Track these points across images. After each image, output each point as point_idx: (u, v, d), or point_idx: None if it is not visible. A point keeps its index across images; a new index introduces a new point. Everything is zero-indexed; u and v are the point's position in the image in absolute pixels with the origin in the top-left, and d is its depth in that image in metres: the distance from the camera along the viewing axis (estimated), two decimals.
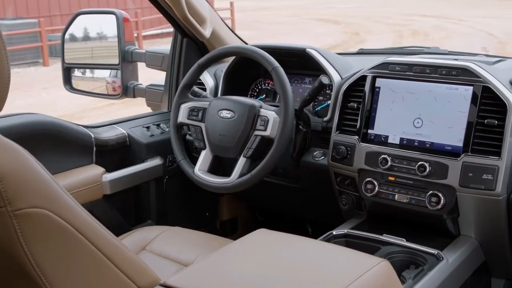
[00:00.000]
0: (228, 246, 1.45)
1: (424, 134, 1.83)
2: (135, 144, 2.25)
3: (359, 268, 1.29)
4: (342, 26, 19.18)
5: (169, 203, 2.37)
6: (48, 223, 1.03)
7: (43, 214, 1.01)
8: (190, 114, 2.08)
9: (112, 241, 1.15)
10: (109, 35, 2.58)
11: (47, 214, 1.02)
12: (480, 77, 1.74)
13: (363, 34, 17.12)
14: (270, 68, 1.93)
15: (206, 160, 2.04)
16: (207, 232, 2.54)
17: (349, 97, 1.99)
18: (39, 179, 1.04)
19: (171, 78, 2.46)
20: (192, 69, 2.09)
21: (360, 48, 2.59)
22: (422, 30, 17.36)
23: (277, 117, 1.91)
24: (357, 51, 2.55)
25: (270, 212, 2.74)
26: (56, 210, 1.03)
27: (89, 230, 1.09)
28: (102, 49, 2.66)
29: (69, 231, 1.05)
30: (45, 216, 1.02)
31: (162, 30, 16.13)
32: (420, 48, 2.43)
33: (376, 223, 1.95)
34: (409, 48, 2.48)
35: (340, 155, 1.95)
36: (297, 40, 13.73)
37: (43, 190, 1.03)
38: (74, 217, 1.07)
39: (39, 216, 1.01)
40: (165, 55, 2.50)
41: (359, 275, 1.26)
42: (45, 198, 1.03)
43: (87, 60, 2.68)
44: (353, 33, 17.23)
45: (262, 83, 2.38)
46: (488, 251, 1.85)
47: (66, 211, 1.06)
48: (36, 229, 1.01)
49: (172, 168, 2.35)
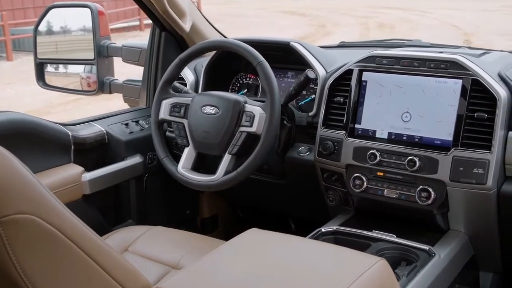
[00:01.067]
0: (221, 248, 1.40)
1: (412, 128, 1.81)
2: (114, 141, 2.18)
3: (358, 268, 1.27)
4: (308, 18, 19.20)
5: (150, 201, 2.31)
6: (35, 230, 0.98)
7: (30, 220, 0.96)
8: (172, 110, 2.02)
9: (101, 246, 1.10)
10: (84, 29, 2.50)
11: (34, 220, 0.96)
12: (469, 70, 1.72)
13: (329, 26, 17.16)
14: (255, 62, 1.88)
15: (189, 157, 1.99)
16: (188, 230, 2.49)
17: (335, 91, 1.95)
18: (25, 183, 0.98)
19: (149, 73, 2.39)
20: (173, 64, 2.03)
21: (341, 41, 2.56)
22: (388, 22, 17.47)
23: (263, 113, 1.86)
24: (338, 44, 2.51)
25: (251, 209, 2.70)
26: (43, 215, 0.98)
27: (77, 235, 1.04)
28: (77, 44, 2.58)
29: (57, 237, 1.00)
30: (32, 222, 0.96)
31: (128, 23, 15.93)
32: (402, 41, 2.41)
33: (364, 219, 1.93)
34: (391, 41, 2.46)
35: (327, 150, 1.91)
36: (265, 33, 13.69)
37: (29, 194, 0.98)
38: (62, 222, 1.02)
39: (26, 223, 0.95)
40: (142, 50, 2.44)
41: (359, 276, 1.23)
42: (32, 203, 0.97)
43: (60, 55, 2.60)
44: (319, 26, 17.26)
45: (243, 78, 2.33)
46: (477, 245, 1.84)
47: (53, 216, 1.01)
48: (23, 236, 0.96)
49: (152, 165, 2.29)
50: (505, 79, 1.75)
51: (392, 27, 16.49)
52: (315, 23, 17.85)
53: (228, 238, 2.63)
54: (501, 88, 1.70)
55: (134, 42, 2.49)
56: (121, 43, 2.50)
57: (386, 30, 15.93)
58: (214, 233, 2.65)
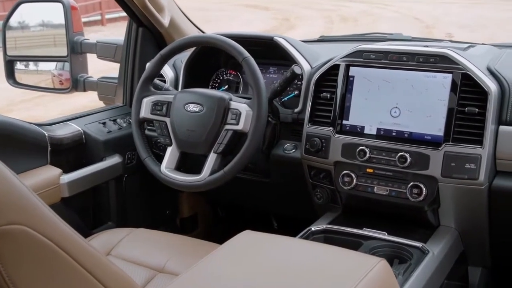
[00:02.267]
0: (217, 252, 1.35)
1: (402, 123, 1.78)
2: (92, 141, 2.10)
3: (361, 270, 1.24)
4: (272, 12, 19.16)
5: (129, 202, 2.25)
6: (26, 241, 0.91)
7: (21, 231, 0.89)
8: (153, 108, 1.95)
9: (95, 255, 1.05)
10: (56, 25, 2.41)
11: (26, 230, 0.90)
12: (459, 64, 1.70)
13: (293, 20, 17.15)
14: (241, 58, 1.83)
15: (172, 157, 1.93)
16: (168, 230, 2.43)
17: (321, 87, 1.92)
18: (15, 190, 0.92)
19: (126, 70, 2.32)
20: (154, 61, 1.96)
21: (321, 35, 2.52)
22: (350, 15, 17.56)
23: (250, 110, 1.81)
24: (317, 39, 2.48)
25: (232, 207, 2.65)
26: (35, 225, 0.92)
27: (71, 245, 0.99)
28: (48, 40, 2.48)
29: (49, 248, 0.94)
30: (24, 233, 0.90)
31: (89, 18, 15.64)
32: (383, 35, 2.39)
33: (353, 217, 1.90)
34: (372, 35, 2.44)
35: (314, 147, 1.87)
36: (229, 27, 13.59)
37: (19, 203, 0.91)
38: (54, 232, 0.96)
39: (16, 234, 0.89)
40: (118, 46, 2.36)
41: (362, 278, 1.20)
42: (23, 212, 0.91)
43: (32, 52, 2.50)
44: (283, 19, 17.25)
45: (224, 74, 2.27)
46: (467, 240, 1.83)
47: (45, 225, 0.95)
48: (14, 248, 0.90)
49: (131, 165, 2.22)
50: (495, 73, 1.74)
51: (355, 20, 16.58)
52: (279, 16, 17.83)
53: (209, 237, 2.59)
54: (491, 82, 1.68)
55: (109, 38, 2.41)
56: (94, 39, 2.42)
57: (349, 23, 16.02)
58: (194, 232, 2.59)
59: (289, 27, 15.37)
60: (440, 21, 15.34)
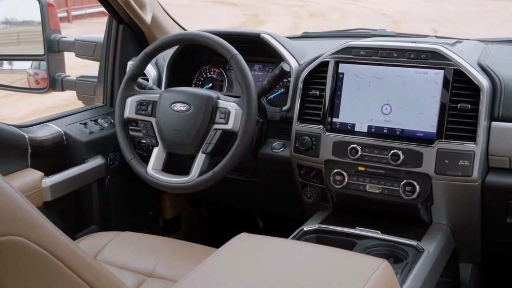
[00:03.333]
0: (214, 257, 1.31)
1: (393, 121, 1.76)
2: (73, 143, 2.03)
3: (364, 271, 1.21)
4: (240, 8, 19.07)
5: (112, 205, 2.18)
6: (23, 252, 0.87)
7: (17, 242, 0.85)
8: (138, 108, 1.89)
9: (93, 265, 1.02)
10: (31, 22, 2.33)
11: (22, 241, 0.86)
12: (451, 60, 1.69)
13: (261, 15, 17.11)
14: (229, 56, 1.79)
15: (159, 158, 1.87)
16: (151, 232, 2.38)
17: (310, 84, 1.88)
18: (9, 200, 0.87)
19: (106, 68, 2.25)
20: (138, 59, 1.91)
21: (304, 31, 2.49)
22: (319, 11, 17.58)
23: (239, 109, 1.77)
24: (301, 35, 2.44)
25: (215, 207, 2.61)
26: (30, 235, 0.88)
27: (68, 255, 0.96)
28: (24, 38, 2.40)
29: (45, 258, 0.91)
30: (20, 244, 0.86)
31: None
32: (366, 31, 2.37)
33: (344, 216, 1.87)
34: (355, 31, 2.42)
35: (304, 146, 1.84)
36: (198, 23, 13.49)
37: (14, 213, 0.87)
38: (50, 241, 0.93)
39: (12, 245, 0.84)
40: (97, 44, 2.29)
41: (367, 280, 1.18)
42: (18, 222, 0.86)
43: (6, 51, 2.41)
44: (252, 15, 17.18)
45: (207, 72, 2.22)
46: (459, 237, 1.82)
47: (41, 234, 0.92)
48: (10, 260, 0.87)
49: (114, 167, 2.16)
50: (486, 68, 1.73)
51: (323, 15, 16.61)
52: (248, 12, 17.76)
53: (193, 238, 2.55)
54: (483, 78, 1.67)
55: (88, 36, 2.34)
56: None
57: (318, 18, 16.04)
58: (177, 234, 2.54)
59: (258, 23, 15.32)
60: (408, 16, 15.46)
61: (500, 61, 1.78)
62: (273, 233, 2.37)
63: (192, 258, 1.77)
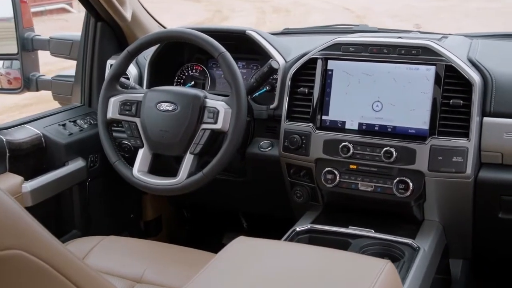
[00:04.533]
0: (214, 263, 1.27)
1: (385, 118, 1.74)
2: (53, 145, 1.96)
3: (370, 274, 1.19)
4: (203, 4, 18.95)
5: (93, 208, 2.11)
6: (23, 266, 0.82)
7: (17, 256, 0.80)
8: (122, 108, 1.83)
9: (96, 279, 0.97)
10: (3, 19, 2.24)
11: (22, 255, 0.81)
12: (443, 56, 1.67)
13: (225, 11, 17.03)
14: (217, 54, 1.74)
15: (144, 159, 1.82)
16: (132, 235, 2.32)
17: (298, 81, 1.85)
18: (9, 212, 0.82)
19: (84, 67, 2.18)
20: (121, 58, 1.84)
21: (285, 28, 2.45)
22: (282, 6, 17.58)
23: (228, 108, 1.73)
24: (282, 31, 2.40)
25: (197, 207, 2.56)
26: (31, 248, 0.83)
27: (70, 268, 0.92)
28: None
29: (47, 272, 0.86)
30: (20, 258, 0.81)
31: None
32: (348, 26, 2.35)
33: (335, 215, 1.84)
34: (336, 27, 2.40)
35: (294, 144, 1.81)
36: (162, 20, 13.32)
37: (15, 225, 0.81)
38: (52, 254, 0.89)
39: (12, 259, 0.80)
40: (74, 42, 2.21)
41: (375, 282, 1.15)
42: (18, 235, 0.81)
43: None
44: (216, 11, 17.09)
45: (189, 70, 2.17)
46: (450, 233, 1.81)
47: (42, 247, 0.88)
48: (10, 275, 0.82)
49: (94, 169, 2.09)
50: (476, 64, 1.72)
51: (287, 10, 16.62)
52: (211, 8, 17.65)
53: (174, 240, 2.49)
54: (474, 74, 1.66)
55: (64, 34, 2.25)
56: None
57: (281, 13, 16.03)
58: (158, 235, 2.48)
59: (222, 18, 15.24)
60: (371, 11, 15.57)
61: (489, 56, 1.78)
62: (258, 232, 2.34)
63: (181, 261, 1.72)
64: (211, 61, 2.15)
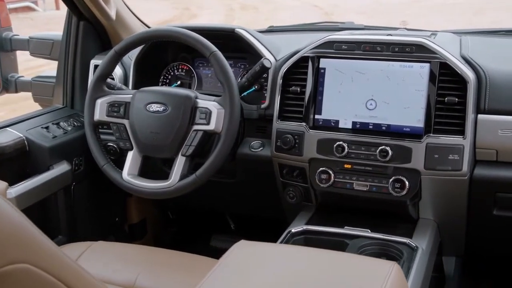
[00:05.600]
0: (220, 269, 1.23)
1: (379, 116, 1.72)
2: (37, 149, 1.89)
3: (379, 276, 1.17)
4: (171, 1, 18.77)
5: (79, 213, 2.05)
6: (30, 281, 0.80)
7: (23, 270, 0.78)
8: (109, 110, 1.78)
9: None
10: None
11: (29, 269, 0.79)
12: (437, 53, 1.66)
13: (193, 8, 16.91)
14: (208, 53, 1.70)
15: (134, 162, 1.77)
16: (117, 239, 2.27)
17: (290, 80, 1.82)
18: (15, 225, 0.80)
19: (66, 68, 2.11)
20: (107, 58, 1.79)
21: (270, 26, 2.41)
22: (251, 3, 17.53)
23: (221, 108, 1.69)
24: (267, 29, 2.37)
25: (183, 209, 2.51)
26: (38, 262, 0.81)
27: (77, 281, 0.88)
28: None
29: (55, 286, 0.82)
30: (26, 272, 0.79)
31: None
32: (334, 24, 2.33)
33: (330, 215, 1.82)
34: (322, 24, 2.38)
35: (287, 144, 1.78)
36: None
37: (20, 238, 0.80)
38: (59, 267, 0.85)
39: (18, 274, 0.77)
40: (54, 42, 2.15)
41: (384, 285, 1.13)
42: (24, 248, 0.80)
43: None
44: (184, 8, 16.95)
45: (174, 69, 2.12)
46: (444, 231, 1.81)
47: (48, 260, 0.84)
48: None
49: (79, 172, 2.03)
50: (470, 61, 1.71)
51: (255, 8, 16.58)
52: (179, 6, 17.52)
53: (160, 242, 2.44)
54: (469, 71, 1.66)
55: (44, 33, 2.19)
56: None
57: (250, 11, 15.99)
58: (144, 239, 2.43)
59: (190, 16, 15.13)
60: (339, 7, 15.64)
61: (481, 53, 1.77)
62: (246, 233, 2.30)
63: (174, 266, 1.68)
64: (198, 60, 2.10)
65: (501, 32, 2.13)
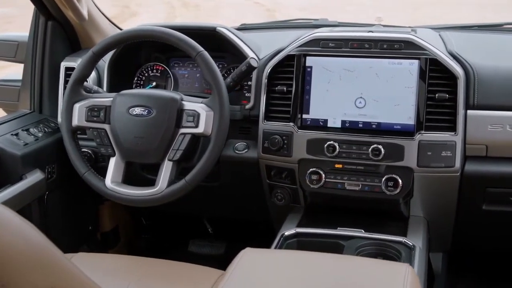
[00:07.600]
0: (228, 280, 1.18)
1: (368, 114, 1.70)
2: (8, 157, 1.77)
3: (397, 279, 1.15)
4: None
5: (53, 223, 1.95)
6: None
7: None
8: (89, 115, 1.69)
9: None
10: None
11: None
12: (426, 49, 1.65)
13: (133, 6, 16.60)
14: (194, 53, 1.63)
15: (117, 169, 1.68)
16: (90, 247, 2.18)
17: (275, 79, 1.78)
18: (41, 249, 0.76)
19: (33, 71, 2.00)
20: (85, 59, 1.70)
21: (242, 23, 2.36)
22: (191, 0, 17.40)
23: (209, 110, 1.62)
24: (239, 27, 2.32)
25: (157, 214, 2.43)
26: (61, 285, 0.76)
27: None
28: None
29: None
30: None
31: None
32: (308, 21, 2.30)
33: (320, 216, 1.79)
34: (296, 21, 2.34)
35: (275, 145, 1.73)
36: None
37: (44, 262, 0.75)
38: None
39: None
40: (20, 43, 2.04)
41: None
42: (48, 272, 0.75)
43: None
44: (123, 6, 16.62)
45: (149, 70, 2.04)
46: (433, 227, 1.80)
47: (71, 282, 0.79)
48: None
49: (52, 181, 1.92)
50: (457, 57, 1.71)
51: (196, 5, 16.43)
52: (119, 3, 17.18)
53: (133, 250, 2.35)
54: (457, 67, 1.65)
55: (8, 34, 2.07)
56: None
57: (191, 8, 15.84)
58: (117, 247, 2.34)
59: (131, 14, 14.84)
60: (281, 4, 15.68)
61: (465, 49, 1.77)
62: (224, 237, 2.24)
63: (162, 275, 1.61)
64: (173, 60, 2.03)
65: (474, 27, 2.15)
